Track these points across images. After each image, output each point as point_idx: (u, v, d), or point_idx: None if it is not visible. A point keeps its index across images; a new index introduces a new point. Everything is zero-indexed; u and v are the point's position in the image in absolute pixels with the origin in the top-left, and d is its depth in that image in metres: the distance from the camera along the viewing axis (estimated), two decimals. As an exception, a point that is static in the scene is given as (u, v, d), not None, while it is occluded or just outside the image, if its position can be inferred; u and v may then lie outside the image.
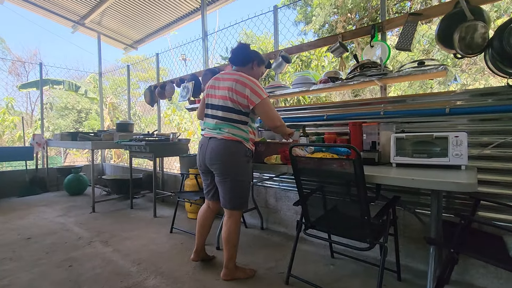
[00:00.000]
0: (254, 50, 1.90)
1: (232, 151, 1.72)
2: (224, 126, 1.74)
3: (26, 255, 2.27)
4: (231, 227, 1.79)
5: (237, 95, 1.69)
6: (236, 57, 1.85)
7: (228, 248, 1.80)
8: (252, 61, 1.85)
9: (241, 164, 1.75)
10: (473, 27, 1.64)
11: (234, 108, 1.72)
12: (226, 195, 1.78)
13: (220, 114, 1.75)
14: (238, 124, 1.74)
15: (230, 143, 1.72)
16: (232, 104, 1.71)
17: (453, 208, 1.87)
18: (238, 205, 1.80)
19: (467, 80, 5.40)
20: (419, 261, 1.99)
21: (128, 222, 3.13)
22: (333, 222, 1.69)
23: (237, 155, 1.73)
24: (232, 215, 1.81)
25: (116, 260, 2.17)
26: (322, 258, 2.18)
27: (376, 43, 2.21)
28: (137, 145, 3.33)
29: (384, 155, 1.85)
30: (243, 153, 1.75)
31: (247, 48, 1.86)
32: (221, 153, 1.72)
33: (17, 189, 4.54)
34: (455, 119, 1.86)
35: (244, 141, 1.75)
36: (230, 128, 1.73)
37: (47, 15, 5.25)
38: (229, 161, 1.72)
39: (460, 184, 1.16)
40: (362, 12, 8.67)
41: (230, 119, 1.73)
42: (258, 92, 1.70)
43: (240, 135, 1.74)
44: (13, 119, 8.15)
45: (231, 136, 1.72)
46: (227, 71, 1.85)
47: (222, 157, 1.72)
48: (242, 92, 1.69)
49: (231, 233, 1.79)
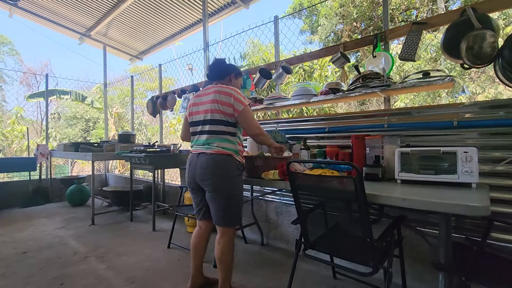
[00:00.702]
0: (231, 64, 1.90)
1: (223, 165, 1.66)
2: (213, 140, 1.68)
3: (19, 271, 2.22)
4: (225, 247, 1.69)
5: (222, 105, 1.65)
6: (213, 72, 1.84)
7: (222, 269, 1.70)
8: (229, 73, 1.84)
9: (233, 179, 1.69)
10: (481, 36, 1.55)
11: (222, 120, 1.67)
12: (218, 212, 1.70)
13: (208, 128, 1.69)
14: (227, 136, 1.69)
15: (220, 157, 1.66)
16: (219, 115, 1.67)
17: (464, 228, 1.74)
18: (231, 221, 1.71)
19: (476, 89, 5.26)
20: (428, 284, 1.85)
21: (126, 236, 3.06)
22: (334, 243, 1.58)
23: (228, 170, 1.68)
24: (225, 233, 1.71)
25: (109, 278, 2.09)
26: (323, 279, 2.06)
27: (379, 53, 2.14)
28: (137, 156, 3.29)
29: (388, 170, 1.75)
30: (235, 166, 1.69)
31: (223, 62, 1.85)
32: (211, 168, 1.66)
33: (20, 200, 4.54)
34: (464, 133, 1.75)
35: (234, 154, 1.69)
36: (219, 142, 1.68)
37: (55, 28, 5.36)
38: (220, 176, 1.66)
39: (471, 207, 1.06)
40: (368, 21, 8.65)
41: (219, 132, 1.68)
42: (240, 99, 1.67)
43: (230, 147, 1.69)
44: (21, 129, 8.28)
45: (221, 150, 1.66)
46: (207, 87, 1.80)
47: (213, 173, 1.66)
48: (227, 102, 1.65)
49: (224, 253, 1.69)
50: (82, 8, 4.70)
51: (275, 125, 2.74)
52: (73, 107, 11.88)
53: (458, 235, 1.71)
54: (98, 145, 4.19)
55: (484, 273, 1.28)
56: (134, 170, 3.82)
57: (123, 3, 4.32)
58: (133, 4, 4.37)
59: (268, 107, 2.64)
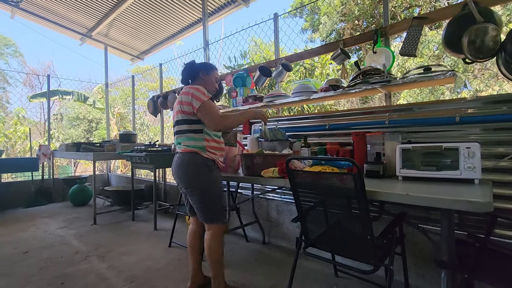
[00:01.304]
0: (200, 63, 1.91)
1: (189, 162, 1.69)
2: (181, 140, 1.74)
3: (19, 271, 2.22)
4: (211, 242, 1.72)
5: (183, 105, 1.69)
6: (183, 77, 1.86)
7: (211, 265, 1.73)
8: (198, 73, 1.84)
9: (201, 176, 1.69)
10: (483, 29, 1.53)
11: (184, 119, 1.71)
12: (197, 209, 1.74)
13: (176, 129, 1.77)
14: (191, 134, 1.71)
15: (186, 155, 1.70)
16: (181, 115, 1.71)
17: (467, 224, 1.72)
18: (211, 218, 1.72)
19: (480, 86, 5.20)
20: (431, 281, 1.83)
21: (128, 235, 3.06)
22: (334, 240, 1.57)
23: (195, 167, 1.68)
24: (210, 229, 1.74)
25: (110, 278, 2.09)
26: (325, 277, 2.04)
27: (379, 49, 2.11)
28: (138, 156, 3.29)
29: (389, 167, 1.73)
30: (202, 163, 1.69)
31: (190, 65, 1.87)
32: (180, 167, 1.71)
33: (23, 200, 4.56)
34: (466, 128, 1.72)
35: (200, 151, 1.69)
36: (185, 140, 1.72)
37: (56, 28, 5.38)
38: (188, 174, 1.70)
39: (474, 203, 1.03)
40: (369, 19, 8.59)
41: (183, 131, 1.72)
42: (198, 96, 1.66)
43: (194, 145, 1.70)
44: (24, 129, 8.33)
45: (187, 148, 1.70)
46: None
47: (181, 171, 1.71)
48: (186, 101, 1.67)
49: (211, 248, 1.72)
50: (83, 9, 4.70)
51: (275, 123, 2.72)
52: (76, 108, 11.91)
53: (460, 231, 1.69)
54: (99, 145, 4.19)
55: (487, 270, 1.25)
56: (135, 169, 3.82)
57: (123, 3, 4.32)
58: (133, 4, 4.37)
59: (268, 105, 2.63)
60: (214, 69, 1.93)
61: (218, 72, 2.03)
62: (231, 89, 3.08)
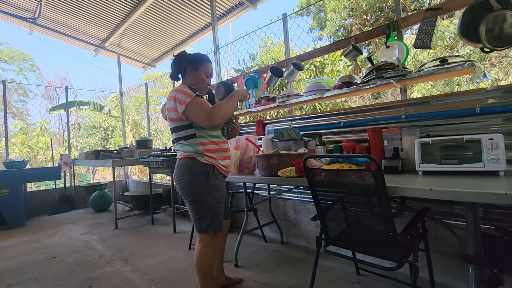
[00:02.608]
0: (188, 55, 1.68)
1: (185, 169, 1.56)
2: (177, 147, 1.64)
3: (50, 275, 2.32)
4: (198, 253, 1.59)
5: (169, 112, 1.57)
6: (172, 72, 1.70)
7: (198, 278, 1.59)
8: (185, 68, 1.65)
9: (198, 183, 1.55)
10: (502, 17, 1.49)
11: (176, 126, 1.59)
12: (192, 217, 1.62)
13: (172, 137, 1.67)
14: (183, 140, 1.59)
15: (182, 161, 1.58)
16: (172, 123, 1.60)
17: (492, 218, 1.67)
18: (204, 228, 1.58)
19: (499, 75, 5.02)
20: (457, 278, 1.79)
21: (149, 238, 3.14)
22: (355, 238, 1.56)
23: (191, 173, 1.55)
24: (201, 240, 1.61)
25: (134, 280, 2.15)
26: (346, 275, 2.03)
27: (392, 43, 2.08)
28: (155, 161, 3.37)
29: (408, 163, 1.71)
30: (198, 169, 1.55)
31: (177, 59, 1.67)
32: (176, 173, 1.61)
33: (47, 208, 4.75)
34: (488, 119, 1.67)
35: (197, 156, 1.56)
36: (180, 146, 1.61)
37: (71, 41, 5.58)
38: (184, 180, 1.57)
39: (501, 195, 1.00)
40: (378, 12, 8.45)
41: (179, 138, 1.60)
42: (181, 99, 1.50)
43: (191, 150, 1.57)
44: (45, 140, 8.65)
45: (184, 154, 1.59)
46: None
47: (178, 177, 1.60)
48: (171, 107, 1.54)
49: (198, 259, 1.59)
50: (96, 21, 4.86)
51: (288, 122, 2.73)
52: (91, 117, 12.30)
53: (486, 226, 1.64)
54: (117, 152, 4.32)
55: (517, 264, 1.22)
56: (152, 174, 3.90)
57: (134, 13, 4.44)
58: (143, 13, 4.48)
59: (281, 105, 2.64)
60: (205, 61, 1.69)
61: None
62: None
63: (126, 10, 4.49)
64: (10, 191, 3.91)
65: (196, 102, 1.50)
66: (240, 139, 2.21)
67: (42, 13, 4.69)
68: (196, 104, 1.50)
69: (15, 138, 9.15)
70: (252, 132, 3.02)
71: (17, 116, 12.41)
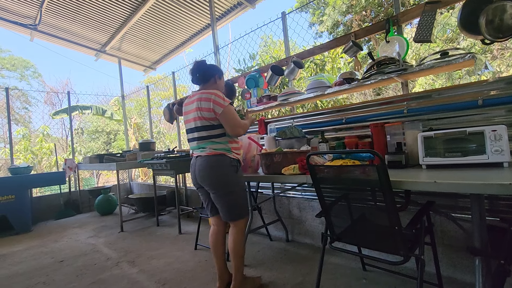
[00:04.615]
0: (212, 64, 1.91)
1: (217, 164, 1.73)
2: (204, 144, 1.76)
3: (58, 278, 2.34)
4: (237, 237, 1.79)
5: (203, 112, 1.71)
6: (196, 77, 1.85)
7: (235, 258, 1.79)
8: (213, 75, 1.85)
9: (229, 176, 1.75)
10: (501, 8, 1.48)
11: (206, 125, 1.74)
12: (223, 209, 1.78)
13: (197, 135, 1.78)
14: (214, 138, 1.75)
15: (213, 158, 1.73)
16: (202, 122, 1.74)
17: (498, 210, 1.66)
18: (237, 215, 1.79)
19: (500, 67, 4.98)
20: (464, 271, 1.78)
21: (154, 240, 3.16)
22: (361, 233, 1.56)
23: (223, 168, 1.74)
24: (236, 226, 1.81)
25: (141, 281, 2.16)
26: (353, 271, 2.03)
27: (392, 38, 2.08)
28: (158, 163, 3.38)
29: (412, 157, 1.70)
30: (228, 163, 1.75)
31: (204, 65, 1.86)
32: (207, 169, 1.74)
33: (53, 212, 4.79)
34: (491, 111, 1.67)
35: (226, 153, 1.76)
36: (210, 144, 1.75)
37: (72, 47, 5.62)
38: (216, 175, 1.73)
39: (507, 186, 1.00)
40: (377, 8, 8.42)
41: (206, 137, 1.75)
42: (219, 102, 1.70)
43: (221, 148, 1.75)
44: (49, 146, 8.72)
45: (213, 151, 1.74)
46: (192, 94, 1.85)
47: (209, 173, 1.74)
48: (207, 107, 1.70)
49: (237, 244, 1.79)
50: (96, 26, 4.90)
51: (290, 120, 2.73)
52: (94, 122, 12.38)
53: (492, 218, 1.64)
54: (120, 155, 4.34)
55: (524, 255, 1.21)
56: (156, 176, 3.92)
57: (133, 17, 4.47)
58: (143, 17, 4.50)
59: (282, 103, 2.64)
60: (223, 75, 1.98)
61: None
62: (244, 91, 3.12)
63: (125, 14, 4.52)
64: (16, 197, 3.95)
65: (231, 110, 1.73)
66: (242, 138, 2.22)
67: (43, 20, 4.73)
68: (231, 112, 1.73)
69: (18, 144, 9.23)
70: (254, 131, 3.03)
71: (20, 122, 12.51)
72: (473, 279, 1.30)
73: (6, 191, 3.90)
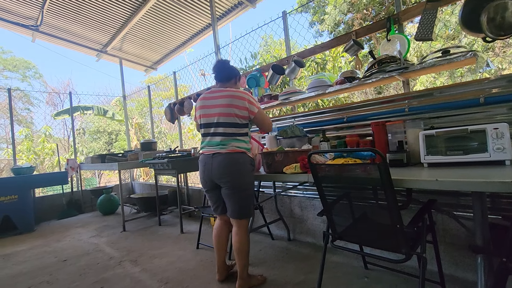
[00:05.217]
0: (233, 66, 1.97)
1: (240, 162, 1.78)
2: (227, 141, 1.79)
3: (61, 278, 2.36)
4: (243, 236, 1.82)
5: (237, 109, 1.77)
6: (221, 74, 1.91)
7: (241, 258, 1.82)
8: (235, 76, 1.93)
9: (248, 174, 1.83)
10: (503, 5, 1.48)
11: (236, 123, 1.79)
12: (235, 206, 1.81)
13: (222, 130, 1.79)
14: (241, 136, 1.81)
15: (236, 155, 1.78)
16: (233, 119, 1.78)
17: (499, 208, 1.66)
18: (247, 213, 1.84)
19: (502, 65, 4.96)
20: (466, 269, 1.78)
21: (156, 239, 3.17)
22: (362, 232, 1.56)
23: (245, 165, 1.80)
24: (241, 225, 1.84)
25: (144, 280, 2.17)
26: (355, 270, 2.03)
27: (393, 36, 2.08)
28: (160, 162, 3.39)
29: (413, 155, 1.70)
30: (249, 162, 1.83)
31: (227, 64, 1.93)
32: (229, 166, 1.76)
33: (56, 212, 4.82)
34: (492, 109, 1.67)
35: (247, 152, 1.83)
36: (234, 142, 1.79)
37: (73, 47, 5.63)
38: (238, 172, 1.78)
39: (507, 183, 1.01)
40: (378, 6, 8.39)
41: (233, 134, 1.79)
42: (254, 102, 1.82)
43: (243, 146, 1.82)
44: (51, 146, 8.75)
45: (236, 149, 1.78)
46: (214, 89, 1.87)
47: (231, 170, 1.76)
48: (242, 105, 1.77)
49: (242, 242, 1.82)
50: (97, 26, 4.91)
51: (292, 120, 2.73)
52: (95, 122, 12.42)
53: (493, 216, 1.63)
54: (122, 155, 4.36)
55: (526, 253, 1.21)
56: (158, 176, 3.94)
57: (134, 17, 4.47)
58: (144, 17, 4.51)
59: (283, 103, 2.64)
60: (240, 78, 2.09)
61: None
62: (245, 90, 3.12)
63: (126, 14, 4.53)
64: (19, 197, 3.97)
65: (263, 112, 1.89)
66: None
67: (44, 20, 4.74)
68: (264, 113, 1.88)
69: (21, 145, 9.27)
70: (255, 130, 3.03)
71: (22, 123, 12.57)
72: (475, 277, 1.30)
73: (9, 191, 3.92)
